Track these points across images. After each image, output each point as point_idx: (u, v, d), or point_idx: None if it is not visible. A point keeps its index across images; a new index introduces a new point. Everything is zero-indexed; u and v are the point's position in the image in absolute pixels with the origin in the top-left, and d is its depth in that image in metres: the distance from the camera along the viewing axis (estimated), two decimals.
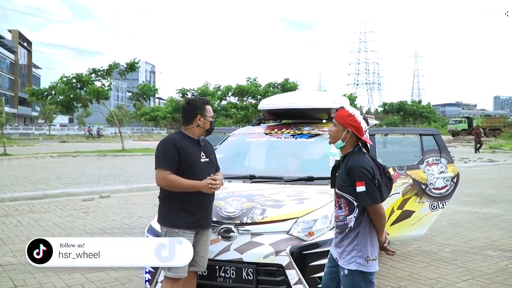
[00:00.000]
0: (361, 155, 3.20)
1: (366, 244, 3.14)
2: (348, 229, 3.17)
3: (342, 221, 3.21)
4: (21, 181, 13.92)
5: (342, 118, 3.23)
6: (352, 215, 3.15)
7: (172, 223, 3.76)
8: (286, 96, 6.67)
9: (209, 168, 3.91)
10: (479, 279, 5.45)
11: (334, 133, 3.26)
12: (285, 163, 5.54)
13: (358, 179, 3.07)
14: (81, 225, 8.23)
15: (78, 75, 29.04)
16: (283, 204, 4.27)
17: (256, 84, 37.65)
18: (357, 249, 3.13)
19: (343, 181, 3.17)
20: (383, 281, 5.36)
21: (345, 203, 3.18)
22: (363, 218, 3.14)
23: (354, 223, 3.15)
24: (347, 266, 3.15)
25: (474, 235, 7.61)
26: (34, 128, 72.81)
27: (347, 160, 3.19)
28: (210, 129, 3.93)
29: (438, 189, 5.95)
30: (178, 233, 3.71)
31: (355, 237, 3.15)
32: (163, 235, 3.81)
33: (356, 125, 3.18)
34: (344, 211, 3.19)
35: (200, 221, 3.81)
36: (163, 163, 3.71)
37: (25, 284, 5.20)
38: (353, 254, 3.14)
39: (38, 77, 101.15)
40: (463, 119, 63.26)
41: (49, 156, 24.74)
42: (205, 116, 3.88)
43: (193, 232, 3.79)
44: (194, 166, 3.77)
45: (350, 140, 3.21)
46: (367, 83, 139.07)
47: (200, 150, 3.88)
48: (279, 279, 3.92)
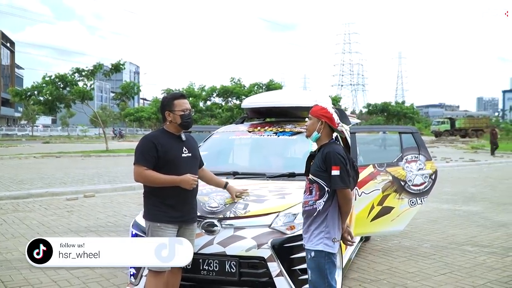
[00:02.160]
0: (337, 145, 3.58)
1: (334, 226, 3.46)
2: (316, 213, 3.47)
3: (311, 205, 3.52)
4: (5, 181, 13.85)
5: (316, 111, 3.60)
6: (321, 200, 3.47)
7: (154, 218, 3.85)
8: (269, 95, 6.78)
9: (192, 163, 3.97)
10: (456, 273, 5.61)
11: (310, 126, 3.60)
12: (268, 160, 5.65)
13: (334, 164, 3.40)
14: (66, 223, 8.26)
15: (62, 75, 28.86)
16: (265, 199, 4.38)
17: (240, 85, 37.71)
18: (325, 231, 3.45)
19: (319, 167, 3.47)
20: (362, 275, 5.51)
21: (317, 188, 3.49)
22: (331, 202, 3.46)
23: (323, 207, 3.46)
24: (314, 247, 3.45)
25: (453, 231, 7.80)
26: (17, 129, 72.06)
27: (324, 149, 3.51)
28: (182, 123, 3.88)
29: (417, 185, 6.09)
30: (160, 227, 3.80)
31: (323, 219, 3.46)
32: (147, 229, 3.91)
33: (329, 115, 3.56)
34: (315, 196, 3.50)
35: (184, 216, 3.89)
36: (140, 159, 3.78)
37: (12, 279, 5.25)
38: (321, 236, 3.45)
39: (21, 78, 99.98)
40: (445, 120, 64.10)
41: (32, 156, 24.55)
42: (173, 111, 3.86)
43: (176, 226, 3.86)
44: (174, 161, 3.82)
45: (325, 131, 3.57)
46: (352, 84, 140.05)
47: (182, 145, 3.91)
48: (261, 271, 4.03)
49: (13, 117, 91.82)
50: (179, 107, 3.88)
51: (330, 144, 3.55)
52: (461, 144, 43.80)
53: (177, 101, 3.90)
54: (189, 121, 3.93)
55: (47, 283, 5.17)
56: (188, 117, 3.91)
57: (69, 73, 29.47)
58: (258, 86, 38.03)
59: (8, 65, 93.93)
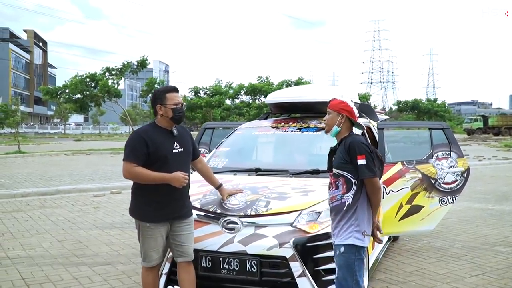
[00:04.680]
0: (358, 135, 3.46)
1: (364, 219, 3.35)
2: (346, 207, 3.35)
3: (339, 200, 3.39)
4: (35, 178, 14.05)
5: (335, 105, 3.48)
6: (349, 193, 3.34)
7: (143, 217, 3.76)
8: (293, 90, 6.63)
9: (183, 158, 3.84)
10: (488, 275, 5.37)
11: (330, 120, 3.49)
12: (291, 157, 5.50)
13: (359, 153, 3.29)
14: (91, 219, 8.28)
15: (92, 74, 29.25)
16: (288, 196, 4.24)
17: (269, 82, 37.57)
18: (355, 224, 3.33)
19: (343, 159, 3.36)
20: (390, 276, 5.32)
21: (343, 181, 3.36)
22: (360, 194, 3.34)
23: (352, 200, 3.33)
24: (343, 242, 3.33)
25: (486, 232, 7.51)
26: (50, 127, 73.63)
27: (345, 141, 3.40)
28: (174, 117, 3.74)
29: (448, 183, 5.86)
30: (150, 227, 3.74)
31: (353, 213, 3.34)
32: (136, 227, 3.88)
33: (349, 109, 3.46)
34: (342, 190, 3.38)
35: (175, 212, 3.78)
36: (129, 156, 3.64)
37: (32, 276, 5.24)
38: (350, 229, 3.33)
39: (53, 77, 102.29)
40: (478, 118, 62.66)
41: (63, 154, 24.94)
42: (165, 105, 3.73)
43: (166, 223, 3.78)
44: (165, 157, 3.69)
45: (345, 124, 3.46)
46: (381, 81, 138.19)
47: (173, 141, 3.78)
48: (283, 272, 3.89)
49: (46, 115, 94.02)
50: (171, 100, 3.74)
51: (350, 135, 3.44)
52: (494, 142, 42.67)
53: (169, 95, 3.76)
54: (180, 115, 3.78)
55: (68, 280, 5.14)
56: (180, 110, 3.76)
57: (99, 72, 29.84)
58: (287, 83, 37.84)
59: (41, 64, 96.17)
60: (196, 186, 4.47)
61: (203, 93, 38.84)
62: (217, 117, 40.59)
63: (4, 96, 63.17)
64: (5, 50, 77.21)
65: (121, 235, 7.08)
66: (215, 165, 5.15)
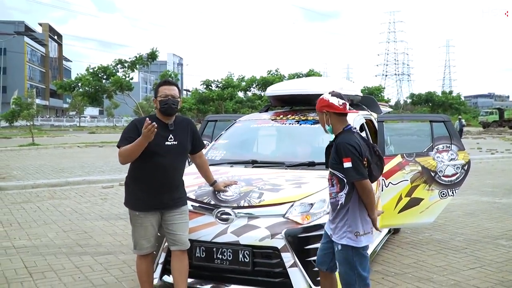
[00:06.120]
0: (349, 134, 3.38)
1: (356, 220, 3.32)
2: (339, 206, 3.36)
3: (334, 198, 3.41)
4: (46, 170, 14.27)
5: (317, 106, 3.51)
6: (342, 192, 3.35)
7: (133, 206, 3.88)
8: (292, 82, 6.66)
9: (177, 151, 3.89)
10: (487, 268, 5.37)
11: (320, 122, 3.52)
12: (288, 149, 5.55)
13: (344, 155, 3.26)
14: (98, 211, 8.41)
15: (104, 67, 29.47)
16: (281, 188, 4.29)
17: (280, 75, 37.51)
18: (347, 224, 3.32)
19: (334, 159, 3.36)
20: (387, 268, 5.35)
21: (336, 181, 3.38)
22: (353, 194, 3.32)
23: (345, 200, 3.34)
24: (339, 241, 3.34)
25: (489, 225, 7.48)
26: (65, 119, 74.32)
27: (336, 140, 3.38)
28: (160, 108, 3.83)
29: (448, 176, 5.86)
30: (139, 216, 3.85)
31: (345, 213, 3.33)
32: (129, 216, 3.97)
33: (326, 103, 3.42)
34: (336, 188, 3.38)
35: (164, 202, 3.86)
36: (121, 142, 3.76)
37: (35, 265, 5.36)
38: (344, 230, 3.33)
39: (69, 70, 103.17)
40: (494, 111, 61.90)
41: (76, 146, 25.23)
42: (157, 97, 3.86)
43: (156, 213, 3.87)
44: (156, 148, 3.75)
45: (333, 119, 3.43)
46: (396, 74, 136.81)
47: (168, 133, 3.85)
48: (275, 262, 3.95)
49: (62, 108, 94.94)
50: (161, 93, 3.86)
51: (343, 133, 3.40)
52: (509, 135, 42.21)
53: (161, 87, 3.89)
54: (165, 107, 3.82)
55: (70, 269, 5.26)
56: (165, 102, 3.81)
57: (111, 65, 30.03)
58: (298, 76, 37.75)
59: (56, 58, 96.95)
60: (192, 178, 4.54)
61: (215, 86, 38.90)
62: (229, 109, 40.67)
63: (20, 89, 63.83)
64: (21, 44, 77.98)
65: (126, 226, 7.18)
66: (213, 157, 5.22)
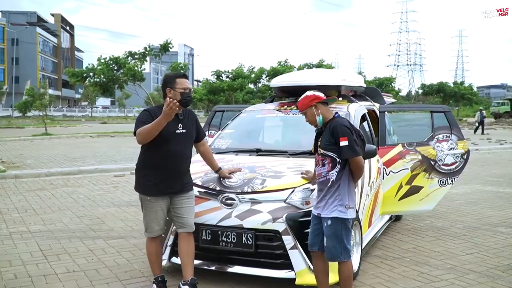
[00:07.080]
0: (341, 119, 3.82)
1: (345, 194, 3.72)
2: (330, 183, 3.72)
3: (324, 176, 3.76)
4: (59, 159, 14.61)
5: (305, 105, 3.86)
6: (334, 170, 3.73)
7: (144, 191, 4.13)
8: (297, 74, 6.83)
9: (185, 139, 4.14)
10: (483, 253, 5.56)
11: (310, 117, 3.87)
12: (291, 138, 5.77)
13: (341, 135, 3.66)
14: (110, 198, 8.71)
15: (115, 58, 29.69)
16: (283, 175, 4.51)
17: (290, 66, 37.56)
18: (338, 198, 3.70)
19: (328, 141, 3.73)
20: (386, 252, 5.56)
21: (329, 161, 3.75)
22: (343, 172, 3.73)
23: (336, 177, 3.72)
24: (330, 214, 3.70)
25: (490, 213, 7.65)
26: (77, 110, 74.99)
27: (330, 124, 3.76)
28: (182, 100, 3.99)
29: (448, 165, 6.04)
30: (150, 201, 4.10)
31: (336, 188, 3.71)
32: (140, 200, 4.20)
33: (313, 97, 3.84)
34: (327, 167, 3.75)
35: (173, 187, 4.10)
36: (137, 127, 3.94)
37: (50, 248, 5.65)
38: (334, 204, 3.70)
39: (80, 60, 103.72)
40: (505, 101, 61.31)
41: (88, 136, 25.67)
42: (174, 88, 4.03)
43: (166, 197, 4.11)
44: (168, 135, 3.96)
45: (322, 109, 3.83)
46: (408, 64, 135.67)
47: (177, 122, 4.07)
48: (276, 244, 4.20)
49: (74, 99, 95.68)
50: (180, 85, 4.06)
51: (334, 119, 3.79)
52: None
53: (179, 79, 4.08)
54: (188, 99, 4.08)
55: (83, 251, 5.54)
56: (188, 95, 4.07)
57: (123, 56, 30.24)
58: (308, 66, 37.79)
59: (68, 48, 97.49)
60: (199, 165, 4.78)
61: (225, 77, 39.08)
62: (239, 100, 40.85)
63: (33, 79, 64.55)
64: (33, 34, 78.62)
65: (136, 212, 7.45)
66: (219, 146, 5.45)
